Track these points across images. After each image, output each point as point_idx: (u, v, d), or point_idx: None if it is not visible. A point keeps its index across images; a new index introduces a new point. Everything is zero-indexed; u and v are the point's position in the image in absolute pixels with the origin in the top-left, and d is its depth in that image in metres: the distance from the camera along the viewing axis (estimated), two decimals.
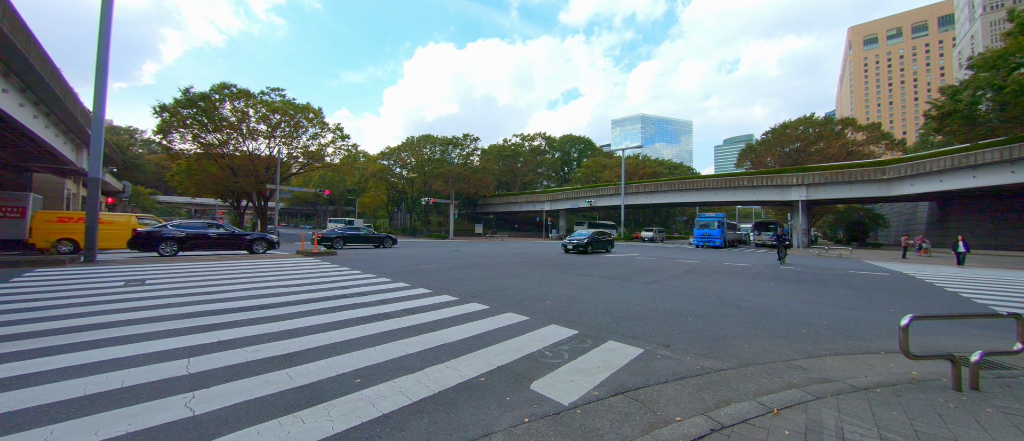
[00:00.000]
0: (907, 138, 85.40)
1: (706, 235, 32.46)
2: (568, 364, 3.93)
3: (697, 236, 33.09)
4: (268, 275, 9.88)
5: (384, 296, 7.32)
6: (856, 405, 3.07)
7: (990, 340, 5.33)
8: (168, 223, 15.83)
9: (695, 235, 33.44)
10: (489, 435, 2.60)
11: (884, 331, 5.73)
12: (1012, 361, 4.22)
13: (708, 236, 32.31)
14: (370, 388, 3.24)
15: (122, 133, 76.59)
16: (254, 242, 16.70)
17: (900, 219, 52.81)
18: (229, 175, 34.13)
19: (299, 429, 2.58)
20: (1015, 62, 24.58)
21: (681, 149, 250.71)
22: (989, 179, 27.44)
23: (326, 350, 4.17)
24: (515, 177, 71.48)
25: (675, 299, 7.79)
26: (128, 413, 2.74)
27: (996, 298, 9.15)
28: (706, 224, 33.18)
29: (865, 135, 51.31)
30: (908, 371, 3.92)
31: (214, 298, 6.80)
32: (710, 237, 32.10)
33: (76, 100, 20.22)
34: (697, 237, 33.01)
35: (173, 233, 14.65)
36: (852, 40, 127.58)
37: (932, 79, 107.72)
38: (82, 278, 8.88)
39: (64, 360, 3.71)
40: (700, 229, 33.23)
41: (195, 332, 4.74)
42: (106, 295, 6.90)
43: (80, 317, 5.34)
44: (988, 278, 13.46)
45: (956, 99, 28.86)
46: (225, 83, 32.43)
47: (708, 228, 32.83)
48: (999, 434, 2.67)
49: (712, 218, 33.41)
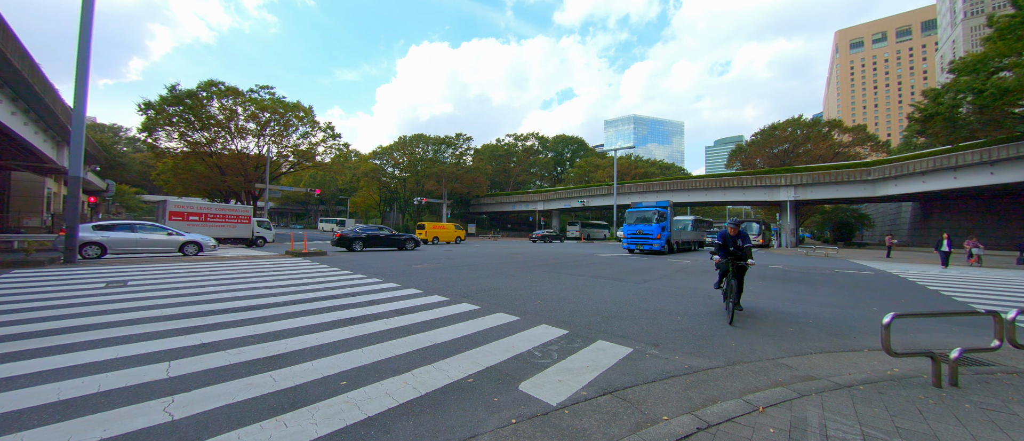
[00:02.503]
0: (892, 140, 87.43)
1: (640, 234, 21.41)
2: (557, 364, 3.92)
3: (627, 235, 22.13)
4: (255, 276, 9.72)
5: (373, 297, 7.24)
6: (840, 402, 3.11)
7: (969, 337, 5.46)
8: (355, 228, 20.66)
9: (624, 234, 22.52)
10: (476, 436, 2.58)
11: (868, 329, 5.83)
12: (990, 357, 4.32)
13: (643, 235, 21.26)
14: (356, 390, 3.19)
15: (106, 131, 74.87)
16: (406, 242, 21.60)
17: (885, 219, 54.01)
18: (217, 174, 33.59)
19: (281, 432, 2.53)
20: (994, 66, 25.27)
21: (673, 150, 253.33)
22: (969, 180, 28.21)
23: (312, 352, 4.10)
24: (508, 177, 71.47)
25: (665, 298, 7.84)
26: (104, 418, 2.66)
27: (975, 296, 9.38)
28: (641, 217, 21.74)
29: (851, 137, 52.35)
30: (890, 368, 3.99)
31: (199, 300, 6.66)
32: (647, 237, 21.09)
33: (57, 97, 19.71)
34: (627, 237, 22.11)
35: (359, 234, 19.74)
36: (839, 43, 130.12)
37: (916, 82, 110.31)
38: (61, 279, 8.64)
39: (37, 364, 3.59)
40: (631, 225, 21.95)
41: (177, 334, 4.63)
42: (85, 297, 6.72)
43: (57, 320, 5.19)
44: (968, 276, 13.80)
45: (938, 102, 29.56)
46: (213, 80, 31.94)
47: (644, 222, 21.50)
48: (977, 429, 2.73)
49: (650, 208, 21.81)
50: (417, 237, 23.31)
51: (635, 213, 22.36)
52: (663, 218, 21.46)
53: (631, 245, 21.86)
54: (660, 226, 21.12)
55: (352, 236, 19.43)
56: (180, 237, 15.02)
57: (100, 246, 13.43)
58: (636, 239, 21.62)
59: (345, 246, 19.18)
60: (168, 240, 14.83)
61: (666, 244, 21.39)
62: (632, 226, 21.97)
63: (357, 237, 19.47)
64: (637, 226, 21.76)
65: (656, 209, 21.64)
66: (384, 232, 21.13)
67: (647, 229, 21.27)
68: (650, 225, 21.24)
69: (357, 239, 19.39)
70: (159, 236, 14.77)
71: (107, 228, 14.06)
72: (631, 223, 22.19)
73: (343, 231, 20.32)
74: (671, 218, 22.73)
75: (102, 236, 13.59)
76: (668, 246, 21.91)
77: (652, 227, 21.19)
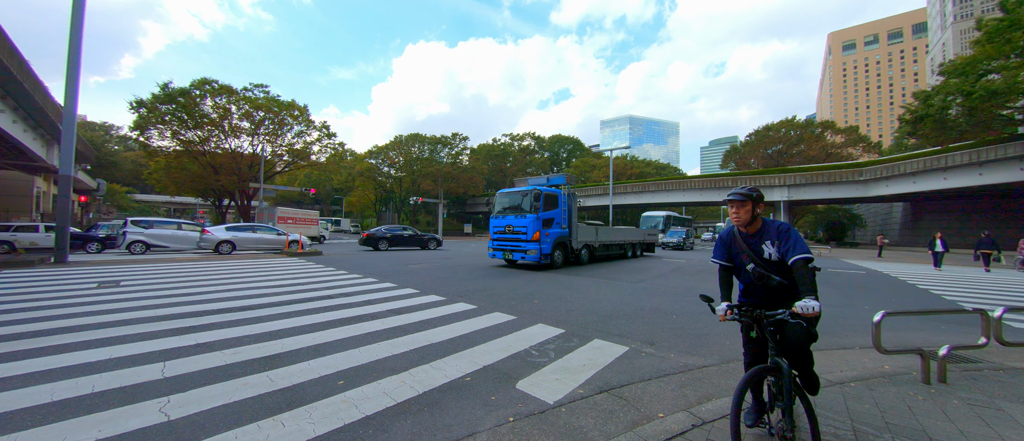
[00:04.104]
0: (883, 141, 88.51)
1: (509, 233, 12.72)
2: (554, 363, 3.94)
3: (492, 233, 13.42)
4: (251, 276, 9.66)
5: (370, 296, 7.23)
6: (831, 399, 3.16)
7: (957, 335, 5.56)
8: (381, 228, 21.73)
9: (491, 234, 13.59)
10: (473, 435, 2.59)
11: (859, 327, 5.92)
12: (977, 355, 4.41)
13: (513, 235, 12.60)
14: (353, 390, 3.20)
15: (97, 129, 73.85)
16: (428, 241, 22.40)
17: (876, 219, 54.68)
18: (210, 173, 33.24)
19: (279, 432, 2.53)
20: (983, 69, 25.67)
21: (668, 150, 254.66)
22: (959, 181, 28.67)
23: (309, 352, 4.10)
24: (505, 177, 71.35)
25: (660, 297, 7.90)
26: (99, 419, 2.64)
27: (964, 294, 9.55)
28: (510, 206, 13.00)
29: (844, 138, 52.99)
30: (880, 365, 4.06)
31: (194, 300, 6.61)
32: (517, 238, 12.48)
33: (47, 94, 19.44)
34: (493, 237, 13.37)
35: (384, 234, 21.01)
36: (832, 45, 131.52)
37: (907, 84, 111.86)
38: (53, 280, 8.53)
39: (31, 365, 3.56)
40: (499, 219, 13.25)
41: (172, 335, 4.60)
42: (78, 297, 6.65)
43: (49, 320, 5.13)
44: (957, 276, 14.03)
45: (928, 104, 29.97)
46: (206, 79, 31.62)
47: (513, 212, 12.80)
48: (964, 425, 2.79)
49: (523, 193, 12.66)
50: (439, 237, 24.82)
51: (506, 195, 13.20)
52: (550, 204, 12.40)
53: (498, 249, 12.84)
54: (536, 219, 11.94)
55: (379, 236, 21.07)
56: (284, 236, 18.11)
57: (231, 243, 16.09)
58: (503, 241, 12.71)
59: (371, 245, 20.73)
60: (278, 239, 17.94)
61: (553, 249, 12.31)
62: (500, 219, 12.98)
63: (383, 237, 21.08)
64: (505, 219, 12.75)
65: (533, 190, 12.21)
66: (408, 232, 22.53)
67: (519, 224, 12.28)
68: (522, 218, 12.20)
69: (383, 238, 20.98)
70: (271, 235, 17.97)
71: (236, 228, 17.31)
72: (498, 213, 13.18)
73: (370, 231, 22.04)
74: (570, 206, 13.27)
75: (232, 235, 16.48)
76: (564, 253, 12.89)
77: (525, 220, 12.07)
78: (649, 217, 28.61)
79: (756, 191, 2.42)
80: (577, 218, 13.98)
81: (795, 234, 2.31)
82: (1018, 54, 23.88)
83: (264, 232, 17.91)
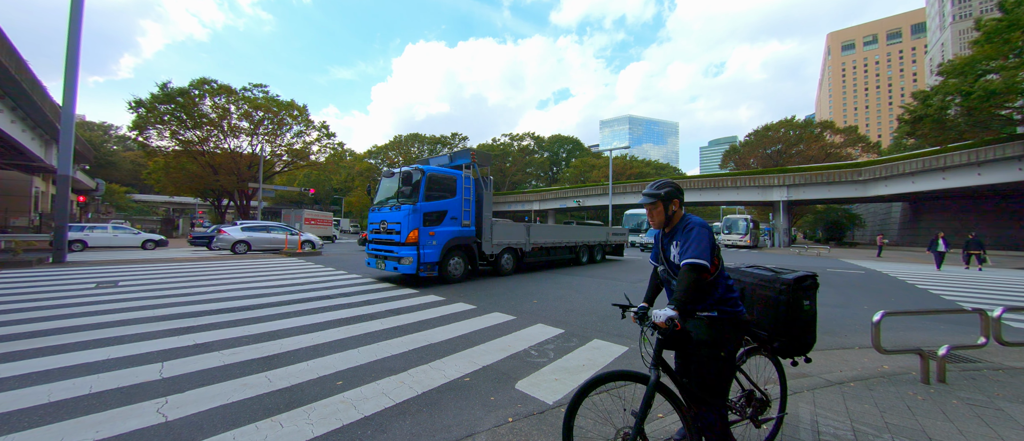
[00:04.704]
0: (882, 141, 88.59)
1: (384, 234, 9.12)
2: (553, 363, 3.94)
3: (370, 233, 9.94)
4: (249, 276, 9.64)
5: (370, 296, 7.22)
6: (831, 399, 3.16)
7: (957, 334, 5.56)
8: None
9: (367, 233, 10.22)
10: (473, 435, 2.58)
11: (859, 327, 5.91)
12: (976, 354, 4.41)
13: (388, 235, 9.00)
14: (352, 390, 3.19)
15: (96, 129, 73.71)
16: None
17: (875, 219, 54.75)
18: (209, 173, 33.20)
19: (277, 433, 2.52)
20: (981, 69, 25.69)
21: (668, 150, 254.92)
22: (957, 181, 28.68)
23: (308, 352, 4.09)
24: (504, 177, 71.46)
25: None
26: (96, 420, 2.63)
27: (964, 294, 9.55)
28: (391, 196, 9.26)
29: (843, 138, 53.02)
30: (880, 365, 4.05)
31: (192, 300, 6.60)
32: (392, 241, 8.89)
33: (45, 94, 19.40)
34: (369, 239, 9.96)
35: None
36: (831, 45, 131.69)
37: (905, 84, 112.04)
38: (51, 280, 8.51)
39: (28, 365, 3.55)
40: (375, 213, 9.71)
41: (170, 335, 4.59)
42: (76, 298, 6.63)
43: (46, 321, 5.12)
44: (957, 276, 14.04)
45: (927, 104, 30.00)
46: (205, 78, 31.56)
47: (391, 203, 9.11)
48: (963, 425, 2.79)
49: (403, 173, 8.67)
50: None
51: (388, 185, 9.85)
52: (439, 190, 9.15)
53: (373, 254, 9.52)
54: (413, 211, 8.60)
55: None
56: (298, 236, 18.66)
57: (246, 243, 16.58)
58: (379, 244, 9.41)
59: None
60: (292, 239, 18.46)
61: (445, 256, 9.05)
62: (376, 212, 9.81)
63: None
64: (381, 214, 9.54)
65: (406, 171, 8.86)
66: None
67: (392, 219, 9.05)
68: (396, 211, 8.97)
69: None
70: (283, 235, 18.45)
71: (251, 229, 17.74)
72: (376, 205, 9.97)
73: None
74: (479, 195, 10.10)
75: (247, 235, 16.97)
76: (466, 260, 9.62)
77: (400, 214, 8.81)
78: (632, 216, 27.09)
79: (667, 189, 2.28)
80: (491, 212, 10.20)
81: (695, 235, 2.06)
82: (1017, 54, 23.90)
83: (278, 232, 18.55)
